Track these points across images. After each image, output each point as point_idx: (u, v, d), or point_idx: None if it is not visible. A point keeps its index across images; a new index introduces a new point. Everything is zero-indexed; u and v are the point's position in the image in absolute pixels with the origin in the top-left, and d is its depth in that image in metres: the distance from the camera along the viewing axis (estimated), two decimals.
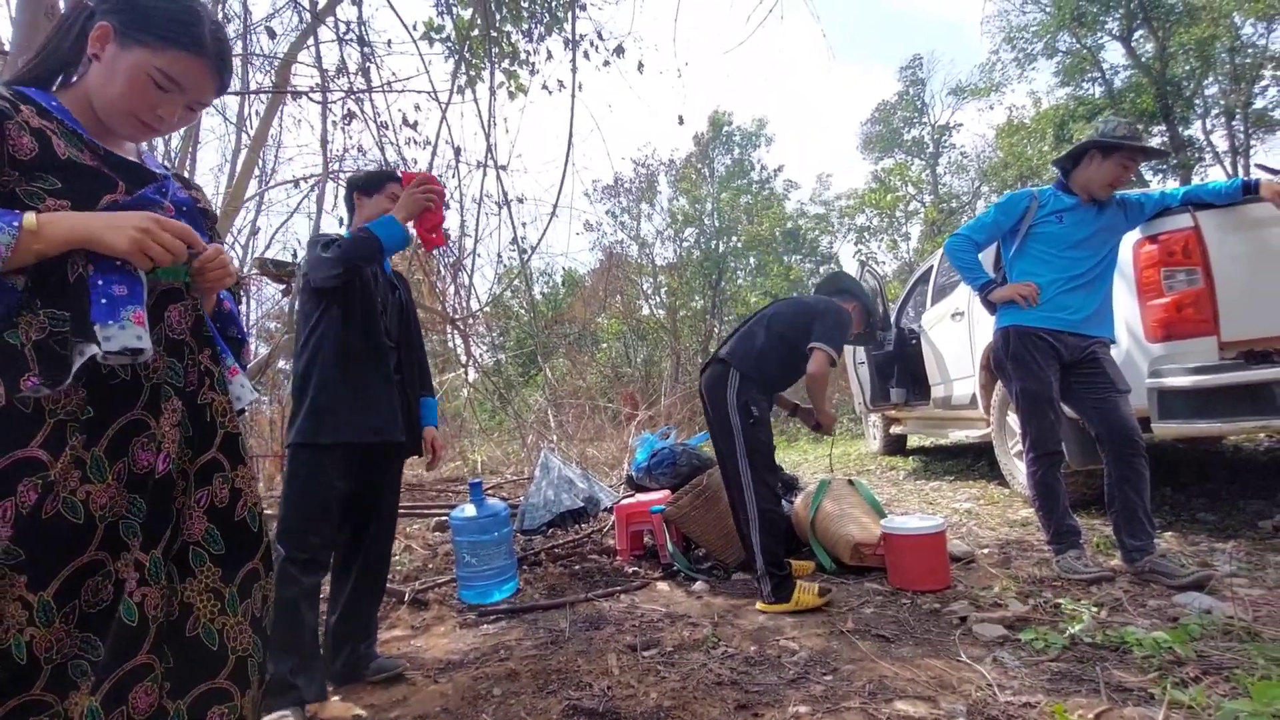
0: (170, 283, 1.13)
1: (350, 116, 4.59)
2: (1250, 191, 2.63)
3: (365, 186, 2.21)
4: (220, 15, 4.28)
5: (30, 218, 0.96)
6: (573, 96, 4.79)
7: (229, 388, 1.21)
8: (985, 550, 3.11)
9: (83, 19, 1.12)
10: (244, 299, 4.29)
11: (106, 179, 1.07)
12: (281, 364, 5.88)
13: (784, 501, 3.57)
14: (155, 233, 1.02)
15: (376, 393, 2.03)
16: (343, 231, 2.37)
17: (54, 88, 1.15)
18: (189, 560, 1.11)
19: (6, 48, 3.48)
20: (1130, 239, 2.85)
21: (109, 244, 1.00)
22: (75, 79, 1.15)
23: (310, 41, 4.54)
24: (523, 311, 11.02)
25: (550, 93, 5.24)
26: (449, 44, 5.29)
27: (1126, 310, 2.87)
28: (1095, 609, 2.20)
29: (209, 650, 1.10)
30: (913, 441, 7.46)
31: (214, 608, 1.12)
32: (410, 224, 1.97)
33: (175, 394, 1.10)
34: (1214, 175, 16.70)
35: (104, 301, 1.01)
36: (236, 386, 1.23)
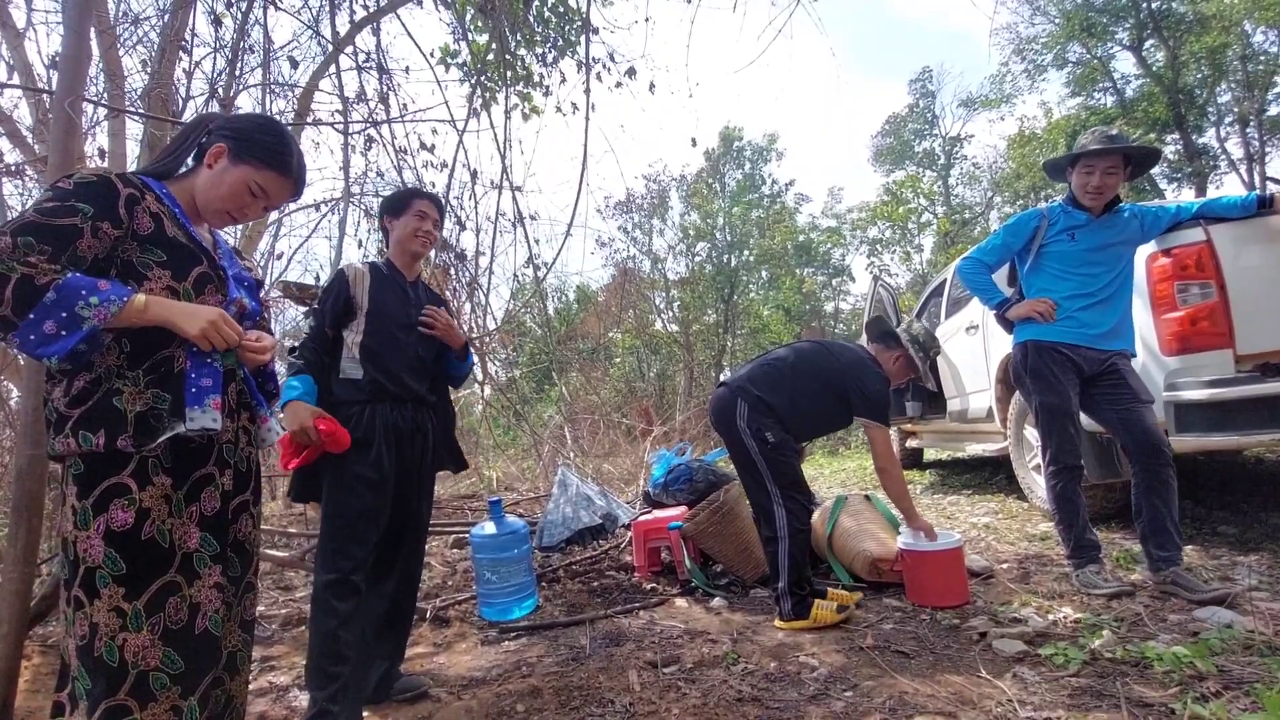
0: (229, 366, 1.43)
1: (370, 142, 4.69)
2: (1264, 206, 2.65)
3: (392, 209, 2.22)
4: (243, 45, 4.42)
5: (140, 298, 1.25)
6: (586, 118, 4.86)
7: (260, 432, 1.55)
8: (1004, 565, 3.11)
9: (202, 134, 1.47)
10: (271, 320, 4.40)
11: (195, 255, 1.40)
12: None
13: None
14: (220, 326, 1.31)
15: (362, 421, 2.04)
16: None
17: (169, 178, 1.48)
18: None
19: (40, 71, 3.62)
20: (1144, 252, 2.87)
21: (184, 329, 1.28)
22: (182, 173, 1.48)
23: (331, 70, 4.66)
24: (537, 328, 11.09)
25: (564, 114, 5.32)
26: (465, 69, 5.41)
27: (1142, 323, 2.88)
28: (1115, 624, 2.20)
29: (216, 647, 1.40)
30: (929, 455, 7.43)
31: (223, 615, 1.40)
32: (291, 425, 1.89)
33: (233, 453, 1.45)
34: (1229, 183, 16.57)
35: (194, 390, 1.32)
36: (265, 431, 1.57)
